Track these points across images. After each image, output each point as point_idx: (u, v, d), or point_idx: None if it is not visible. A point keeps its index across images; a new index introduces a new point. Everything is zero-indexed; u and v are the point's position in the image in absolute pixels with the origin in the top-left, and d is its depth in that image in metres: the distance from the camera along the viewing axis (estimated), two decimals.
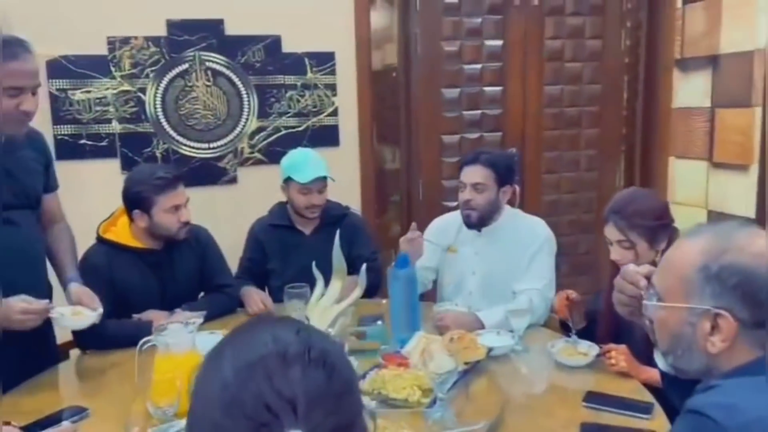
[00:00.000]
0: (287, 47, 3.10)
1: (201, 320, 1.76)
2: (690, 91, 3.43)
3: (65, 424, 1.49)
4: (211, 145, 3.08)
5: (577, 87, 3.55)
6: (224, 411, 0.62)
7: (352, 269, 2.36)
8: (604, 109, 3.62)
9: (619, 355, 1.71)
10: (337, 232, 1.85)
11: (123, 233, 2.16)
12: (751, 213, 3.05)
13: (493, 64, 3.41)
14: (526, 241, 2.25)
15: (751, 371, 0.96)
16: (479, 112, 3.44)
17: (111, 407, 1.61)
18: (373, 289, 2.37)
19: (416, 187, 3.45)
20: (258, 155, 3.14)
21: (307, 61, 3.13)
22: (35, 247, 1.91)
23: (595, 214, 3.70)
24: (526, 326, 1.92)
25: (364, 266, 1.72)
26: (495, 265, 2.29)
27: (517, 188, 3.52)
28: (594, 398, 1.58)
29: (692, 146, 3.41)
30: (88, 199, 2.87)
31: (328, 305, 1.57)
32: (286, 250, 2.44)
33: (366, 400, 1.51)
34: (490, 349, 1.79)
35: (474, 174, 2.25)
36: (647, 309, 1.11)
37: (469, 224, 2.29)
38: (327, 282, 1.74)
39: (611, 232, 1.83)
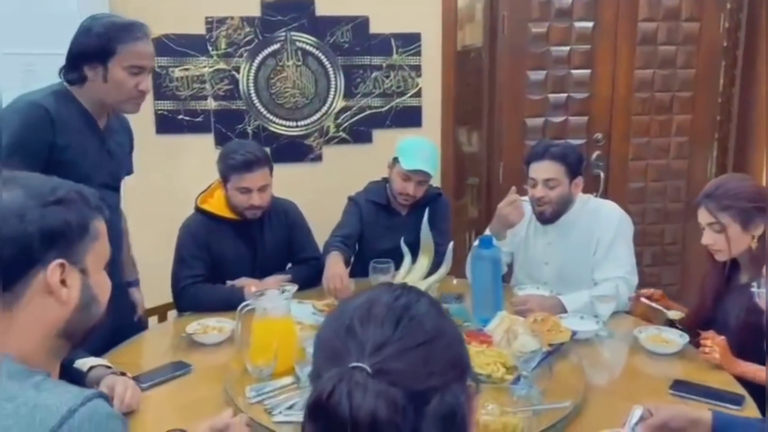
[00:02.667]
0: (374, 28, 3.14)
1: (295, 287, 1.85)
2: None
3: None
4: (299, 124, 3.18)
5: (670, 71, 3.42)
6: (322, 341, 0.76)
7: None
8: (699, 95, 3.48)
9: (716, 345, 1.67)
10: (426, 210, 1.88)
11: (219, 204, 2.28)
12: None
13: (582, 46, 3.33)
14: (600, 227, 2.20)
15: None
16: (565, 95, 3.38)
17: (211, 365, 1.73)
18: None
19: (496, 170, 3.44)
20: (342, 134, 3.22)
21: (393, 42, 3.16)
22: (117, 228, 1.99)
23: (684, 203, 3.58)
24: (611, 312, 1.91)
25: (450, 245, 1.75)
26: (568, 256, 2.26)
27: (601, 174, 3.48)
28: (681, 386, 1.57)
29: None
30: (185, 171, 3.03)
31: (414, 281, 1.62)
32: (380, 227, 2.47)
33: None
34: (573, 333, 1.79)
35: (545, 170, 2.19)
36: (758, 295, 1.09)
37: (543, 221, 2.26)
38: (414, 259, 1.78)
39: (702, 215, 1.79)
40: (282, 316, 1.62)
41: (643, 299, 1.92)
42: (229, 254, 2.26)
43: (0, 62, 2.56)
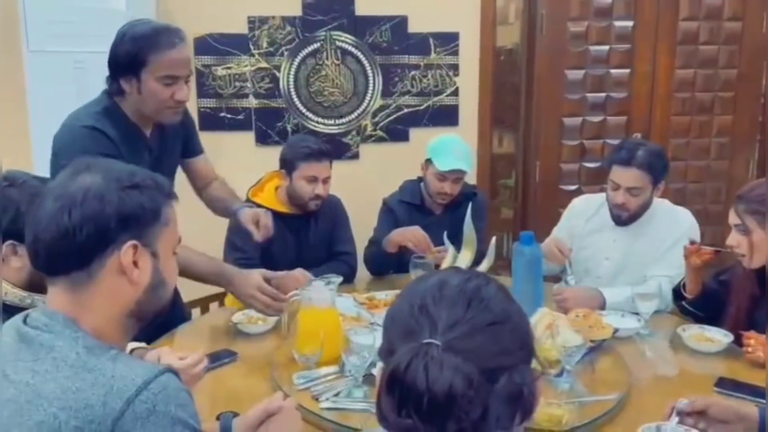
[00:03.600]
0: (413, 28, 3.17)
1: (340, 279, 1.89)
2: None
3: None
4: (337, 122, 3.22)
5: (711, 71, 3.38)
6: (395, 318, 0.79)
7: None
8: (741, 95, 3.43)
9: (759, 343, 1.65)
10: (470, 204, 1.90)
11: (269, 198, 2.35)
12: None
13: (621, 45, 3.32)
14: (668, 230, 2.18)
15: None
16: (604, 94, 3.36)
17: (256, 354, 1.77)
18: None
19: (533, 170, 3.43)
20: (380, 132, 3.25)
21: (431, 41, 3.19)
22: None
23: (724, 205, 3.52)
24: (653, 311, 1.90)
25: (493, 239, 1.77)
26: (632, 254, 2.23)
27: None
28: (726, 384, 1.56)
29: None
30: (226, 168, 3.07)
31: None
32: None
33: None
34: (615, 330, 1.79)
35: (630, 178, 2.12)
36: None
37: (620, 223, 2.23)
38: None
39: (731, 215, 1.77)
40: (327, 306, 1.66)
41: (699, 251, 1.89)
42: (275, 246, 2.30)
43: (51, 60, 2.65)
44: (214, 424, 1.24)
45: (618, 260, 2.25)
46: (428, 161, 2.45)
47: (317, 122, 3.20)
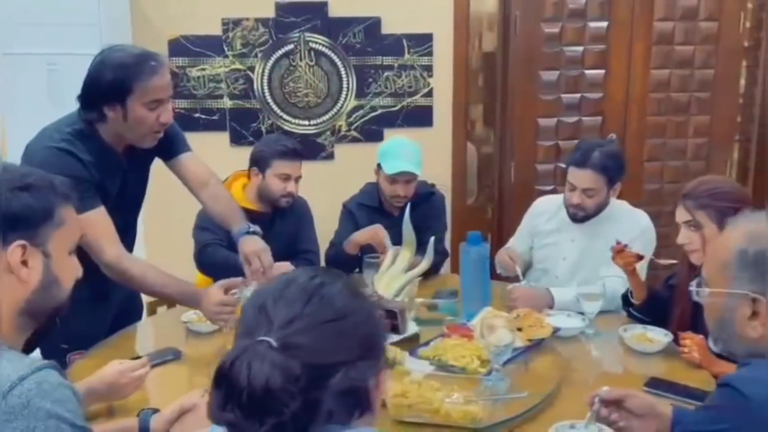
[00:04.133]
0: (386, 29, 3.19)
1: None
2: None
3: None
4: (311, 123, 3.25)
5: (687, 71, 3.38)
6: (242, 319, 0.82)
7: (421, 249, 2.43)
8: (717, 96, 3.42)
9: (694, 344, 1.66)
10: (408, 205, 1.93)
11: (237, 195, 2.39)
12: None
13: (596, 46, 3.32)
14: (624, 231, 2.20)
15: None
16: (579, 95, 3.37)
17: (203, 352, 1.81)
18: (434, 272, 2.45)
19: (508, 170, 3.45)
20: (354, 133, 3.28)
21: (405, 42, 3.21)
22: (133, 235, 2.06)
23: None
24: (597, 311, 1.91)
25: (432, 239, 1.79)
26: (588, 254, 2.27)
27: None
28: (656, 384, 1.57)
29: None
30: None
31: (395, 274, 1.66)
32: None
33: (425, 364, 1.60)
34: (556, 330, 1.81)
35: (585, 179, 2.16)
36: (698, 295, 1.12)
37: (575, 220, 2.27)
38: None
39: (680, 212, 1.78)
40: None
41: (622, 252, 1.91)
42: None
43: (23, 62, 2.70)
44: (135, 420, 1.28)
45: (574, 260, 2.27)
46: (379, 166, 2.48)
47: (292, 123, 3.23)
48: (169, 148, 2.02)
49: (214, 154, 3.15)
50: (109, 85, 1.68)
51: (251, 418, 0.70)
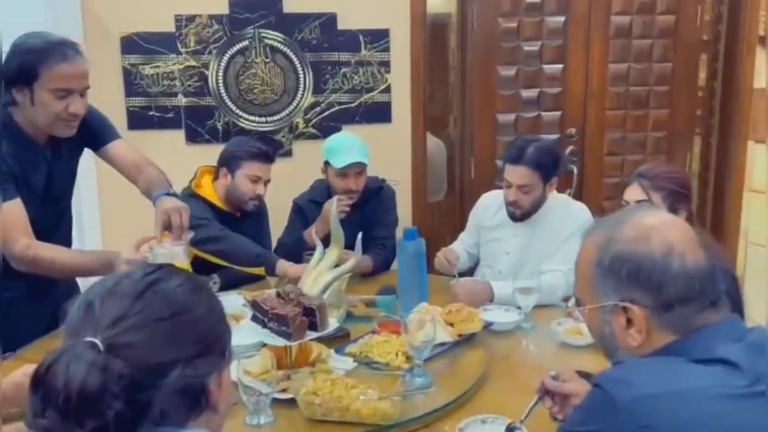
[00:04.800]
0: (343, 24, 3.17)
1: (191, 234, 1.85)
2: None
3: None
4: (268, 119, 3.23)
5: (645, 65, 3.38)
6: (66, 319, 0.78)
7: (370, 246, 2.41)
8: (676, 89, 3.43)
9: None
10: (335, 200, 1.93)
11: (207, 192, 2.37)
12: None
13: (553, 41, 3.32)
14: (563, 224, 2.21)
15: (668, 352, 0.94)
16: (537, 90, 3.36)
17: None
18: (385, 268, 2.47)
19: (468, 166, 3.44)
20: (312, 130, 3.26)
21: (361, 38, 3.19)
22: (68, 230, 2.02)
23: None
24: (533, 305, 1.91)
25: (359, 236, 1.78)
26: (530, 248, 2.27)
27: (575, 170, 3.45)
28: (582, 376, 1.56)
29: None
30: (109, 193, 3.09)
31: (322, 271, 1.65)
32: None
33: (349, 361, 1.59)
34: (488, 324, 1.80)
35: (519, 176, 2.18)
36: (577, 316, 1.11)
37: (514, 219, 2.28)
38: None
39: (633, 192, 1.77)
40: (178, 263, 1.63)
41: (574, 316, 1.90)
42: None
43: None
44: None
45: (517, 255, 2.28)
46: (326, 164, 2.47)
47: (248, 120, 3.21)
48: (95, 138, 2.00)
49: (169, 152, 3.15)
50: (17, 68, 1.67)
51: (68, 422, 0.68)
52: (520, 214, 2.22)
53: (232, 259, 2.20)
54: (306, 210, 2.59)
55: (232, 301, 2.04)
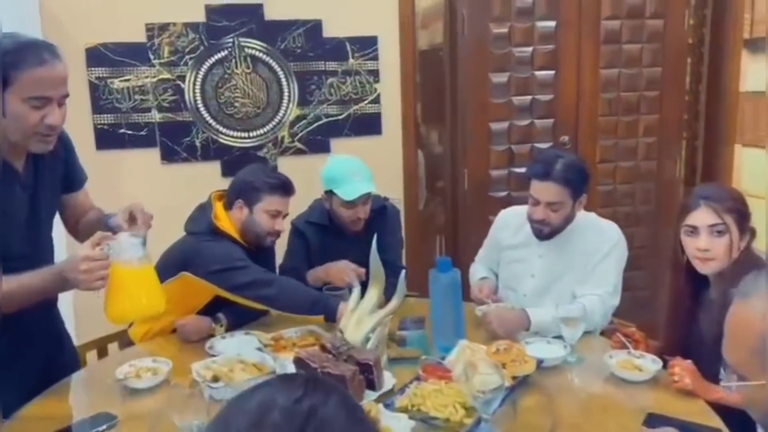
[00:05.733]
0: (328, 32, 2.99)
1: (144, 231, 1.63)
2: (761, 73, 3.16)
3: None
4: (251, 134, 3.01)
5: (635, 70, 3.32)
6: None
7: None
8: (665, 94, 3.39)
9: (684, 371, 1.55)
10: (374, 235, 1.73)
11: (225, 223, 2.09)
12: None
13: (545, 46, 3.22)
14: (595, 246, 2.08)
15: None
16: (529, 97, 3.26)
17: (141, 413, 1.56)
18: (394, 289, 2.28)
19: (461, 176, 3.30)
20: (298, 144, 3.06)
21: (348, 46, 3.01)
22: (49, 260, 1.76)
23: (654, 205, 3.49)
24: (579, 336, 1.78)
25: (402, 273, 1.61)
26: (557, 271, 2.13)
27: None
28: (656, 421, 1.44)
29: (763, 133, 3.16)
30: (128, 189, 2.84)
31: (364, 315, 1.47)
32: (327, 251, 2.32)
33: (405, 419, 1.41)
34: (540, 362, 1.66)
35: (548, 193, 2.01)
36: (731, 389, 0.97)
37: (541, 237, 2.12)
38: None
39: (705, 216, 1.62)
40: (134, 261, 1.50)
41: (619, 335, 1.78)
42: None
43: None
44: None
45: (543, 277, 2.14)
46: (329, 193, 2.27)
47: (229, 136, 2.98)
48: (74, 179, 1.79)
49: (143, 174, 2.89)
50: None
51: None
52: (548, 231, 2.08)
53: (283, 307, 1.97)
54: (306, 232, 2.39)
55: (246, 344, 1.84)
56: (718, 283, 1.69)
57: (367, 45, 3.02)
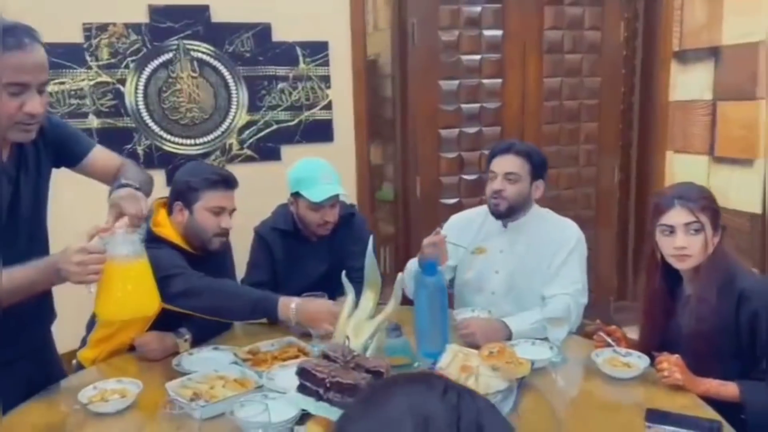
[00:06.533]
0: (278, 36, 2.90)
1: (142, 228, 1.58)
2: (690, 84, 3.36)
3: None
4: (197, 141, 2.86)
5: (576, 80, 3.44)
6: None
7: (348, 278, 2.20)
8: (603, 103, 3.53)
9: (673, 366, 1.58)
10: (371, 238, 1.66)
11: (167, 231, 1.94)
12: (757, 208, 2.99)
13: (492, 55, 3.27)
14: (557, 242, 2.11)
15: None
16: (478, 105, 3.30)
17: None
18: None
19: (413, 184, 3.29)
20: (248, 152, 2.93)
21: (299, 50, 2.93)
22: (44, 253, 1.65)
23: (594, 210, 3.61)
24: (564, 336, 1.78)
25: (399, 276, 1.55)
26: (521, 264, 2.16)
27: None
28: (656, 417, 1.45)
29: (692, 141, 3.34)
30: (64, 200, 2.60)
31: (361, 321, 1.40)
32: (293, 258, 2.23)
33: None
34: (532, 363, 1.64)
35: (507, 163, 2.11)
36: None
37: (497, 214, 2.15)
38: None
39: (680, 215, 1.66)
40: (131, 258, 1.44)
41: (601, 334, 1.80)
42: None
43: None
44: None
45: (508, 272, 2.16)
46: (296, 195, 2.19)
47: (174, 143, 2.82)
48: (70, 152, 1.69)
49: (80, 183, 2.66)
50: None
51: None
52: (505, 207, 2.11)
53: (221, 314, 1.85)
54: (269, 239, 2.28)
55: (222, 358, 1.73)
56: (691, 279, 1.74)
57: (317, 50, 2.96)
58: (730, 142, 3.14)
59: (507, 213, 2.14)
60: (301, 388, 1.23)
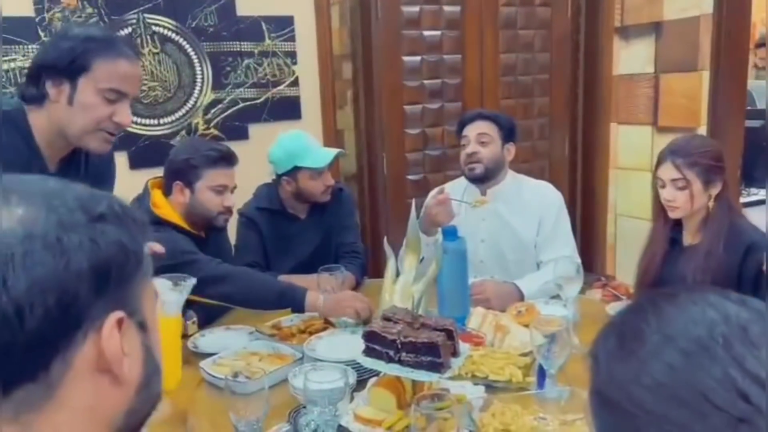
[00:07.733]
0: (242, 10, 2.80)
1: (194, 281, 1.53)
2: (632, 58, 3.54)
3: None
4: (161, 122, 2.72)
5: (529, 55, 3.54)
6: (678, 402, 0.51)
7: (341, 254, 2.19)
8: (554, 78, 3.65)
9: None
10: (413, 203, 1.66)
11: (165, 210, 1.85)
12: None
13: (452, 31, 3.30)
14: (542, 206, 2.18)
15: None
16: (440, 81, 3.33)
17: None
18: (363, 276, 2.24)
19: (379, 161, 3.28)
20: (214, 131, 2.82)
21: (264, 25, 2.84)
22: None
23: (548, 182, 3.73)
24: (577, 293, 1.84)
25: (439, 236, 1.55)
26: (504, 231, 2.21)
27: None
28: None
29: (636, 112, 3.53)
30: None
31: (407, 285, 1.39)
32: (282, 238, 2.18)
33: (470, 386, 1.36)
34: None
35: (478, 127, 2.19)
36: None
37: (474, 178, 2.19)
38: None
39: (668, 170, 1.76)
40: (172, 314, 1.42)
41: (610, 288, 1.88)
42: None
43: None
44: None
45: (493, 240, 2.21)
46: (296, 169, 2.14)
47: (137, 123, 2.66)
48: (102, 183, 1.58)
49: None
50: (65, 53, 1.31)
51: None
52: (481, 171, 2.16)
53: (244, 303, 1.78)
54: (257, 220, 2.22)
55: (231, 337, 1.67)
56: (693, 232, 1.85)
57: (282, 25, 2.88)
58: (672, 112, 3.35)
59: (484, 176, 2.19)
60: (368, 351, 1.21)
